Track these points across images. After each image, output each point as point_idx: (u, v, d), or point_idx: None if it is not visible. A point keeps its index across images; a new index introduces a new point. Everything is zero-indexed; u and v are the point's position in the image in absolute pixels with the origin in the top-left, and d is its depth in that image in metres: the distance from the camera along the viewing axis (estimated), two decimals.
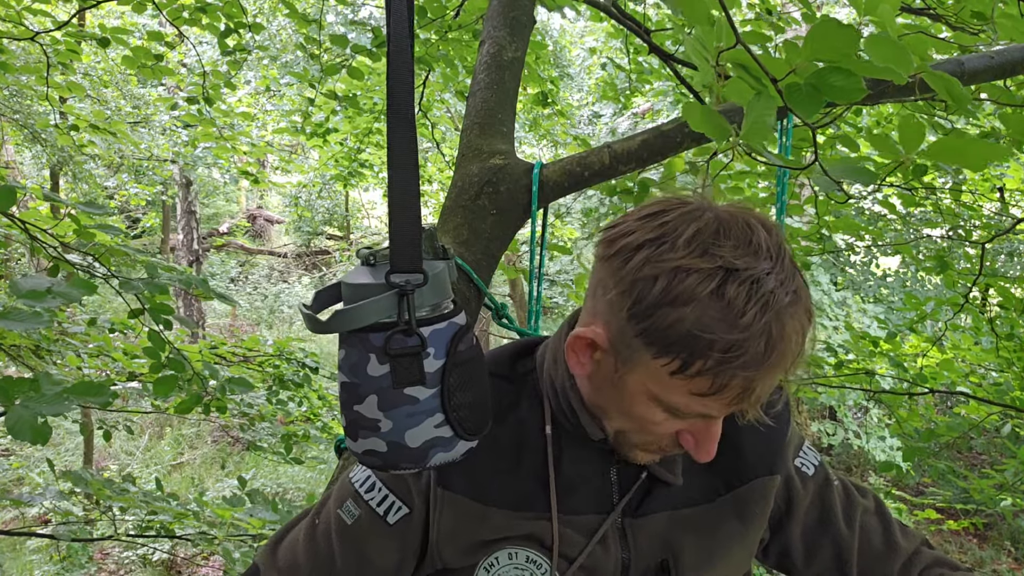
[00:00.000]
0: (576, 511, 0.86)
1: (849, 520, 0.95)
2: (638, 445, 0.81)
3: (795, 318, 0.67)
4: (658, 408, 0.73)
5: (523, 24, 1.97)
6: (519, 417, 0.88)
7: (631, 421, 0.78)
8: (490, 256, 1.60)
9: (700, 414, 0.72)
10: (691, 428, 0.76)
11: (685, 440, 0.77)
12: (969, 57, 1.54)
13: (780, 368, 0.67)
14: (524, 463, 0.86)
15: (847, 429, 7.64)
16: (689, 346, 0.66)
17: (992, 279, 3.38)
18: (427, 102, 4.18)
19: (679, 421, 0.75)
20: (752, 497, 0.90)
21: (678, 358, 0.67)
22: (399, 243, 0.70)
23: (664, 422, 0.75)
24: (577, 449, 0.87)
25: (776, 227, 0.71)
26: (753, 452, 0.91)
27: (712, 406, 0.71)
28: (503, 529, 0.85)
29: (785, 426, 0.94)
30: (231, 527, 2.68)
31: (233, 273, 15.29)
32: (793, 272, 0.68)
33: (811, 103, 0.88)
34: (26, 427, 1.29)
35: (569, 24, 10.86)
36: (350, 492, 0.90)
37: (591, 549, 0.84)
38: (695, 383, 0.68)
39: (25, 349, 3.29)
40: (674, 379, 0.69)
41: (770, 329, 0.65)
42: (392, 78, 0.69)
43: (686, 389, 0.69)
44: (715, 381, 0.67)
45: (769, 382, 0.68)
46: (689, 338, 0.66)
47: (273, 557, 0.93)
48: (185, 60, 7.31)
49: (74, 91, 3.55)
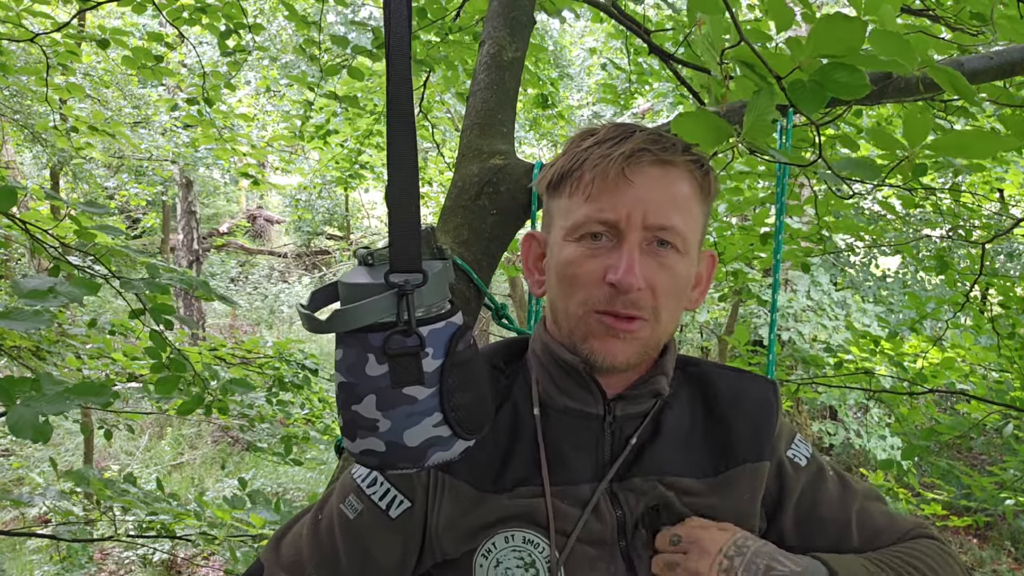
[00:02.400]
0: (570, 481, 0.88)
1: (845, 507, 0.96)
2: (584, 319, 0.86)
3: (618, 140, 0.86)
4: (574, 242, 0.86)
5: (523, 24, 1.97)
6: (512, 404, 0.92)
7: (566, 280, 0.87)
8: (490, 256, 1.60)
9: (600, 221, 0.84)
10: (608, 260, 0.84)
11: (610, 275, 0.82)
12: (969, 58, 1.54)
13: (615, 167, 0.83)
14: (517, 446, 0.89)
15: (848, 429, 7.64)
16: (562, 167, 0.89)
17: (992, 278, 3.38)
18: (427, 103, 4.18)
19: (595, 255, 0.85)
20: (738, 482, 0.91)
21: (561, 177, 0.88)
22: (399, 243, 0.70)
23: (584, 259, 0.85)
24: (568, 423, 0.90)
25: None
26: (741, 439, 0.93)
27: (603, 207, 0.84)
28: (498, 511, 0.86)
29: (772, 416, 0.96)
30: (231, 527, 2.68)
31: (233, 273, 15.29)
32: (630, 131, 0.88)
33: (815, 99, 0.88)
34: (27, 426, 1.30)
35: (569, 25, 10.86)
36: (352, 487, 0.91)
37: (586, 518, 0.86)
38: (575, 188, 0.86)
39: (25, 350, 3.29)
40: (564, 199, 0.88)
41: (594, 143, 0.87)
42: (392, 78, 0.69)
43: (578, 200, 0.86)
44: (581, 178, 0.86)
45: (624, 187, 0.84)
46: (563, 166, 0.89)
47: (277, 554, 0.93)
48: (186, 60, 7.32)
49: (74, 92, 3.55)
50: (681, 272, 0.86)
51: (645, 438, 0.91)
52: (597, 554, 0.86)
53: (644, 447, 0.91)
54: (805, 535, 0.95)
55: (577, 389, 0.90)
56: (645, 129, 0.87)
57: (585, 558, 0.86)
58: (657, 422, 0.92)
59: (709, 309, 7.43)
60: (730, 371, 0.99)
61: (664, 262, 0.84)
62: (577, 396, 0.90)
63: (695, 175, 0.86)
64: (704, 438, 0.93)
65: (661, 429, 0.92)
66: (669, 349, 0.94)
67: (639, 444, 0.91)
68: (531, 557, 0.85)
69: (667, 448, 0.91)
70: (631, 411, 0.91)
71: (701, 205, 0.88)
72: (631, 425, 0.91)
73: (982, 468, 7.00)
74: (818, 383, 3.93)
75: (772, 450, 0.95)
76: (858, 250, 7.03)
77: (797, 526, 0.95)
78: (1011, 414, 3.32)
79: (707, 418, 0.95)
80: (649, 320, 0.84)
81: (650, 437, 0.91)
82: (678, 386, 0.95)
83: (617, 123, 0.90)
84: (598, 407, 0.90)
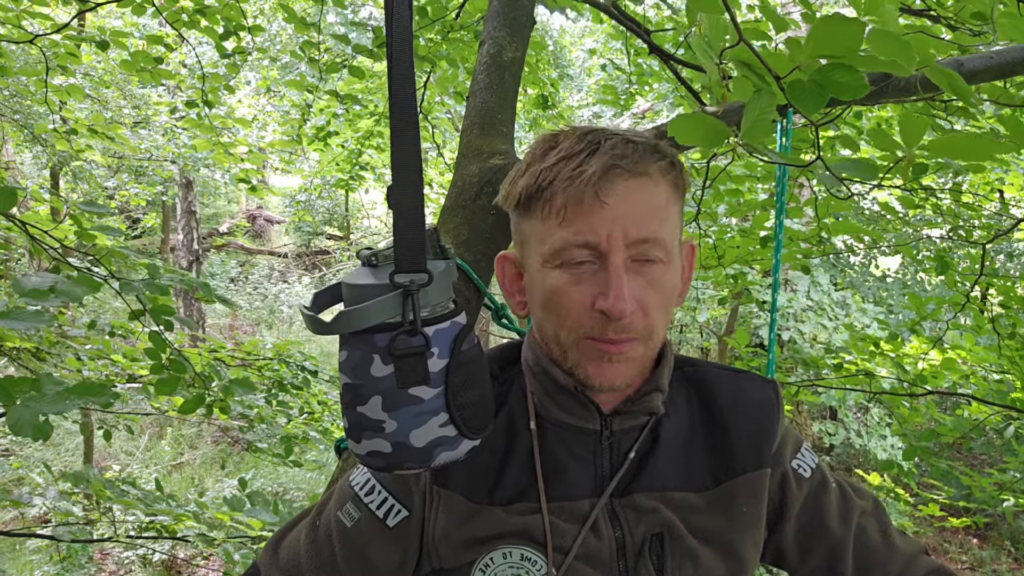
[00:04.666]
0: (568, 497, 0.86)
1: (845, 522, 0.96)
2: (576, 345, 0.82)
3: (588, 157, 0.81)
4: (555, 269, 0.81)
5: (523, 24, 1.97)
6: (508, 415, 0.90)
7: (552, 309, 0.83)
8: (490, 256, 1.60)
9: (579, 245, 0.79)
10: (594, 286, 0.79)
11: (600, 302, 0.78)
12: (969, 57, 1.54)
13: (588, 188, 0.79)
14: (514, 459, 0.88)
15: (848, 428, 7.63)
16: (527, 187, 0.83)
17: (993, 279, 3.38)
18: (428, 104, 4.18)
19: (580, 280, 0.80)
20: (740, 492, 0.90)
21: (529, 199, 0.82)
22: (403, 243, 0.70)
23: (569, 287, 0.80)
24: (565, 438, 0.89)
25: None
26: (740, 445, 0.92)
27: (580, 230, 0.79)
28: (496, 526, 0.85)
29: (774, 423, 0.94)
30: (231, 529, 2.68)
31: (233, 273, 15.29)
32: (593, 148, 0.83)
33: (815, 100, 0.88)
34: (28, 425, 1.30)
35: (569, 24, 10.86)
36: (350, 495, 0.91)
37: (583, 536, 0.85)
38: (548, 212, 0.81)
39: (25, 352, 3.29)
40: (537, 222, 0.82)
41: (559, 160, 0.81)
42: (394, 78, 0.69)
43: (551, 225, 0.81)
44: (552, 200, 0.80)
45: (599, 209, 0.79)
46: (529, 186, 0.83)
47: (275, 557, 0.93)
48: (186, 60, 7.31)
49: (73, 94, 3.55)
50: (668, 283, 0.82)
51: (644, 450, 0.90)
52: (595, 575, 0.85)
53: (644, 460, 0.89)
54: (804, 546, 0.95)
55: (574, 406, 0.88)
56: (610, 136, 0.82)
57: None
58: (655, 433, 0.91)
59: (710, 308, 7.42)
60: (729, 371, 0.98)
61: (651, 279, 0.81)
62: (574, 412, 0.88)
63: (668, 177, 0.82)
64: (704, 444, 0.92)
65: (659, 440, 0.90)
66: (664, 358, 0.91)
67: (638, 457, 0.89)
68: (528, 575, 0.85)
69: (667, 460, 0.90)
70: (628, 424, 0.89)
71: (677, 204, 0.85)
72: (629, 438, 0.90)
73: (982, 469, 7.00)
74: (818, 385, 3.93)
75: (776, 458, 0.94)
76: (858, 250, 7.03)
77: (797, 537, 0.95)
78: (1012, 415, 3.31)
79: (706, 422, 0.93)
80: (641, 339, 0.82)
81: (649, 448, 0.90)
82: (675, 390, 0.94)
83: (580, 131, 0.83)
84: (595, 423, 0.88)
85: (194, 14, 3.15)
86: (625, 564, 0.86)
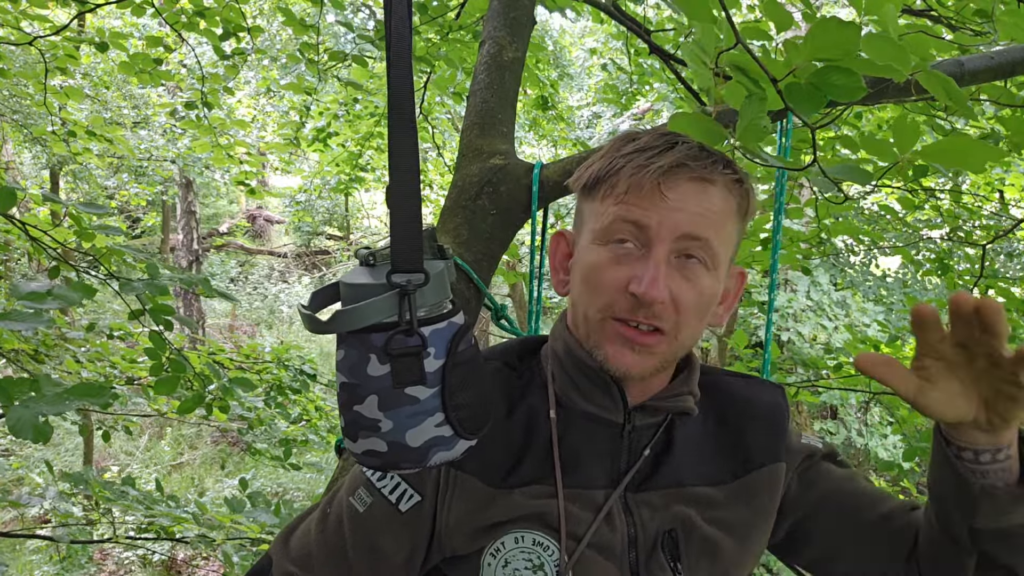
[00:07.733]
0: (584, 485, 0.87)
1: (854, 480, 0.99)
2: (601, 324, 0.85)
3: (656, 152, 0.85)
4: (602, 246, 0.84)
5: (523, 24, 1.97)
6: (528, 406, 0.91)
7: (589, 284, 0.85)
8: (490, 256, 1.60)
9: (628, 220, 0.82)
10: (633, 269, 0.82)
11: (634, 286, 0.81)
12: (969, 57, 1.53)
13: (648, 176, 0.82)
14: (532, 447, 0.88)
15: (849, 428, 7.64)
16: (598, 171, 0.87)
17: (992, 280, 3.38)
18: (427, 105, 4.18)
19: (621, 261, 0.83)
20: (759, 485, 0.92)
21: (596, 180, 0.86)
22: (400, 243, 0.70)
23: (609, 264, 0.83)
24: (586, 427, 0.89)
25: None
26: (756, 443, 0.94)
27: (633, 211, 0.82)
28: (510, 510, 0.85)
29: (784, 419, 0.97)
30: (230, 530, 2.68)
31: (233, 273, 15.30)
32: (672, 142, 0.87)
33: (811, 102, 0.88)
34: (27, 426, 1.30)
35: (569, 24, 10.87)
36: (362, 480, 0.91)
37: (597, 525, 0.85)
38: (608, 194, 0.84)
39: (24, 354, 3.28)
40: (596, 203, 0.86)
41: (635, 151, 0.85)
42: (393, 78, 0.69)
43: (608, 204, 0.84)
44: (616, 184, 0.84)
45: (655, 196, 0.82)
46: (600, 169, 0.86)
47: (285, 547, 0.93)
48: (186, 60, 7.31)
49: (72, 96, 3.55)
50: (707, 288, 0.84)
51: (659, 449, 0.91)
52: (607, 565, 0.86)
53: (659, 458, 0.90)
54: (824, 510, 0.96)
55: (599, 395, 0.89)
56: (688, 142, 0.85)
57: (594, 566, 0.85)
58: (670, 433, 0.92)
59: None
60: (740, 378, 1.00)
61: (690, 276, 0.82)
62: (598, 401, 0.89)
63: (733, 193, 0.84)
64: (718, 447, 0.93)
65: (674, 440, 0.91)
66: (693, 365, 0.93)
67: (653, 455, 0.90)
68: (540, 560, 0.85)
69: (682, 459, 0.91)
70: (647, 421, 0.90)
71: (737, 223, 0.86)
72: (645, 436, 0.91)
73: None
74: (818, 386, 3.93)
75: (787, 451, 0.96)
76: (858, 250, 7.03)
77: (819, 501, 0.97)
78: None
79: (720, 427, 0.95)
80: (668, 335, 0.83)
81: (664, 448, 0.91)
82: None
83: (662, 132, 0.87)
84: (619, 415, 0.89)
85: (193, 16, 3.15)
86: (636, 557, 0.87)
